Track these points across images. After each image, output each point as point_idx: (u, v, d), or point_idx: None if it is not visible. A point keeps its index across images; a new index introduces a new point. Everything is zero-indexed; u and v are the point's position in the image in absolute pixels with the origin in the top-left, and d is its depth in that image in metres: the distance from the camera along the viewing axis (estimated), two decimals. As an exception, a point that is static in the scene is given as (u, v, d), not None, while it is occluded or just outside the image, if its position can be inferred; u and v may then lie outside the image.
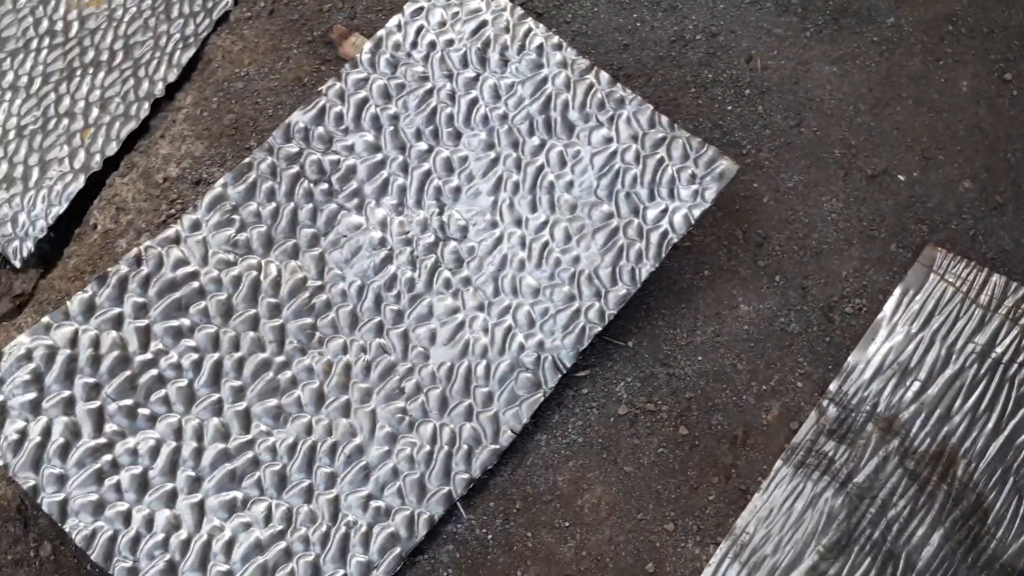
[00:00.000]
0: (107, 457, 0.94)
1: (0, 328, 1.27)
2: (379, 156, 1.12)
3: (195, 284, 1.03)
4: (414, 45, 1.14)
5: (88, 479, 0.93)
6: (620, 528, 0.99)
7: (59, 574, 0.95)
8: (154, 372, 0.99)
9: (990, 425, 1.01)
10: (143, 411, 0.97)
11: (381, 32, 1.14)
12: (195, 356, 1.00)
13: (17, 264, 1.17)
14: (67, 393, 0.96)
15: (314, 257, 1.07)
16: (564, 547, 0.98)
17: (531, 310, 1.06)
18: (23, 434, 0.93)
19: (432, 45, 1.14)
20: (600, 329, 1.04)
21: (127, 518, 0.93)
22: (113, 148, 1.20)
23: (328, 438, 1.00)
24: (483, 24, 1.15)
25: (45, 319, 0.97)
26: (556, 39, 1.14)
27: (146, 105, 1.22)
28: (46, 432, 0.94)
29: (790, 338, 1.08)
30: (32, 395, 0.95)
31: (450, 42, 1.14)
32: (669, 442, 1.03)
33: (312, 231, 1.08)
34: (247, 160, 1.09)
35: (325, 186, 1.10)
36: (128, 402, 0.97)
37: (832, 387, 1.05)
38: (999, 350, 1.05)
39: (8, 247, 1.19)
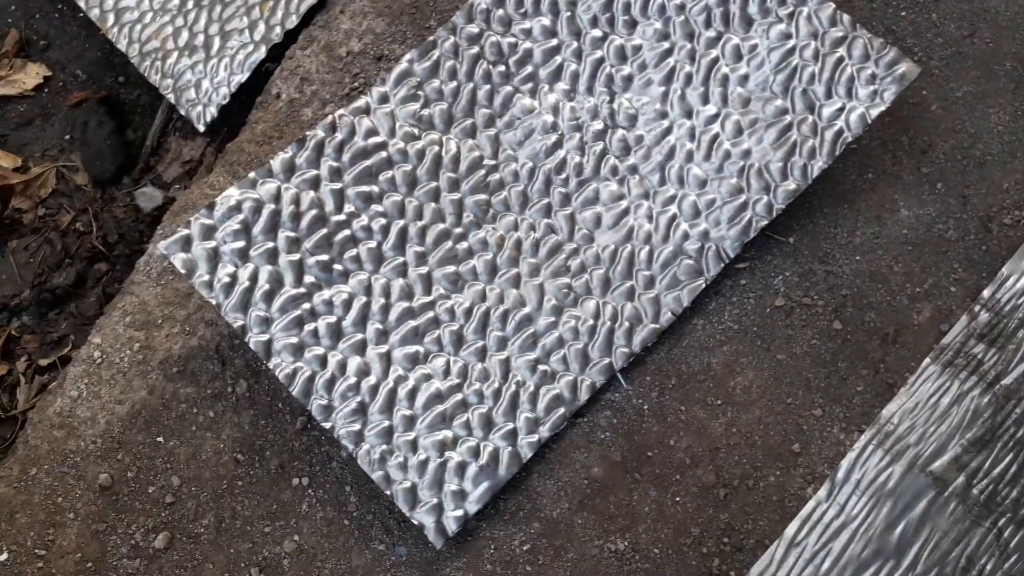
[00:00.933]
0: (306, 305, 1.02)
1: (180, 190, 1.35)
2: (554, 41, 1.15)
3: (383, 154, 1.09)
4: (595, -68, 1.16)
5: (289, 324, 1.01)
6: (770, 410, 1.05)
7: (253, 409, 1.05)
8: (347, 232, 1.06)
9: None
10: (337, 267, 1.04)
11: (563, -83, 1.16)
12: (383, 221, 1.07)
13: (201, 128, 1.24)
14: (271, 244, 1.03)
15: (490, 137, 1.12)
16: (715, 423, 1.05)
17: (697, 200, 1.10)
18: (233, 278, 1.01)
19: (613, -67, 1.16)
20: (767, 222, 1.08)
21: (323, 361, 1.01)
22: (293, 21, 1.25)
23: (500, 306, 1.06)
24: (665, -86, 1.16)
25: (252, 175, 1.04)
26: (738, -67, 1.14)
27: (325, -19, 1.26)
28: (253, 278, 1.02)
29: (947, 244, 1.10)
30: (241, 243, 1.02)
31: (631, -69, 1.16)
32: (822, 335, 1.08)
33: (489, 112, 1.13)
34: (432, 38, 1.13)
35: (502, 68, 1.14)
36: (324, 257, 1.04)
37: (985, 293, 1.08)
38: None
39: (192, 111, 1.26)
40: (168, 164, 1.40)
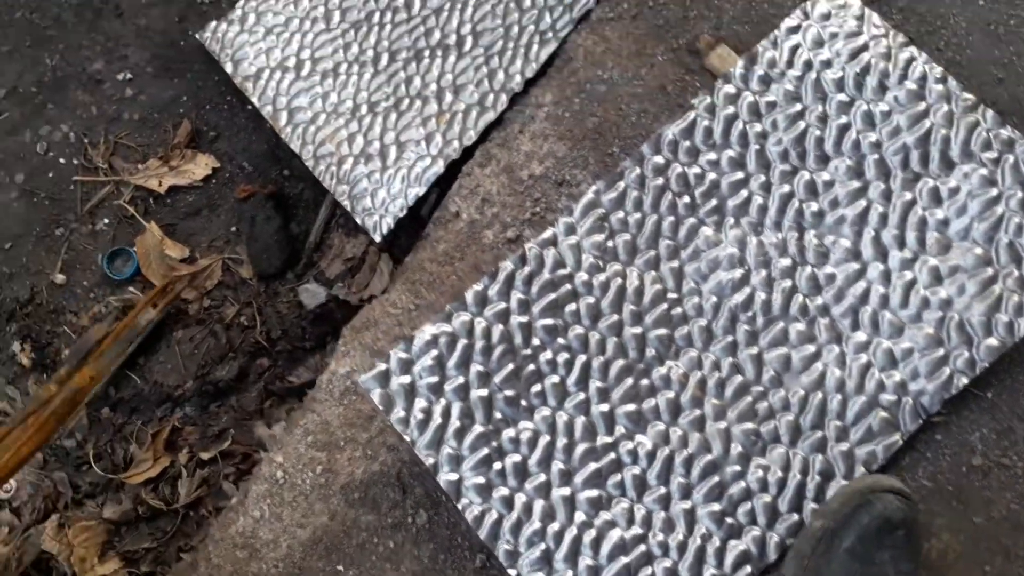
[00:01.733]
0: (494, 443, 1.02)
1: (343, 288, 1.37)
2: (742, 173, 1.13)
3: (569, 286, 1.08)
4: (789, 64, 1.14)
5: (478, 462, 1.01)
6: (966, 577, 1.00)
7: (433, 543, 1.04)
8: (533, 367, 1.05)
9: None
10: (523, 403, 1.04)
11: (757, 48, 1.14)
12: (567, 355, 1.06)
13: (377, 238, 1.25)
14: (462, 380, 1.03)
15: (673, 269, 1.10)
16: (909, 587, 1.00)
17: (892, 348, 1.06)
18: (427, 414, 1.01)
19: (807, 65, 1.13)
20: (968, 380, 1.03)
21: (509, 503, 1.00)
22: (471, 137, 1.25)
23: (684, 449, 1.04)
24: (862, 48, 1.13)
25: (448, 307, 1.05)
26: (939, 70, 1.11)
27: (504, 98, 1.26)
28: (445, 414, 1.02)
29: None
30: (435, 378, 1.03)
31: (826, 63, 1.13)
32: (1022, 499, 1.02)
33: (672, 243, 1.11)
34: (618, 170, 1.13)
35: (687, 199, 1.12)
36: (511, 392, 1.04)
37: None
38: None
39: (367, 220, 1.27)
40: (331, 261, 1.42)
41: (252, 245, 1.42)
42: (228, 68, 1.42)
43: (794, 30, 1.14)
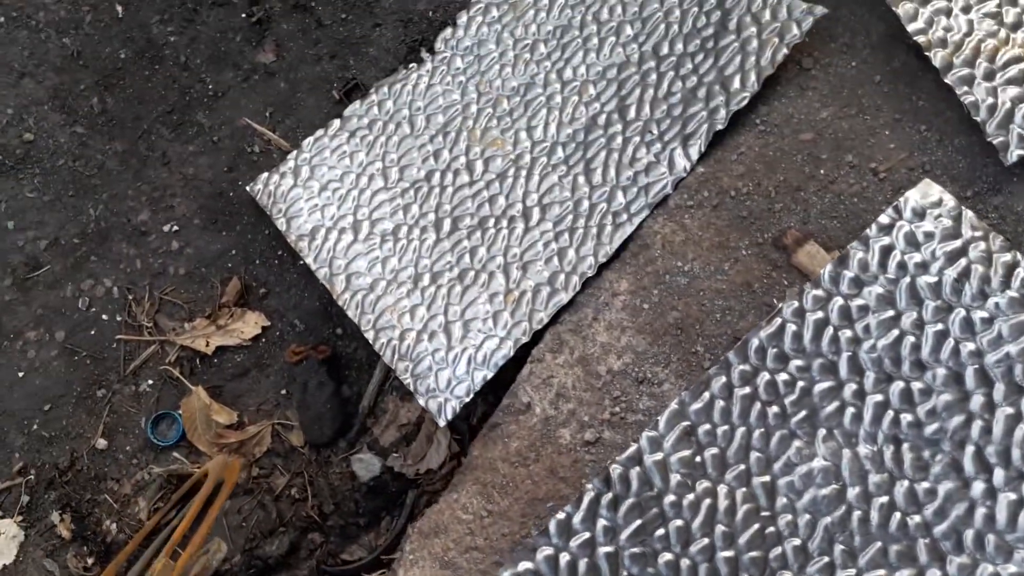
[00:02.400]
0: None
1: (398, 459, 1.31)
2: (834, 381, 1.07)
3: (656, 509, 1.03)
4: (882, 266, 1.09)
5: None
6: None
7: None
8: (622, 602, 0.99)
9: None
10: (613, 643, 0.98)
11: (848, 249, 1.10)
12: (657, 586, 1.00)
13: (441, 423, 1.20)
14: (549, 621, 0.97)
15: (765, 484, 1.05)
16: None
17: (1000, 573, 1.00)
18: (512, 661, 0.96)
19: (901, 267, 1.09)
20: (1084, 618, 0.98)
21: None
22: (542, 320, 1.20)
23: None
24: (960, 251, 1.08)
25: (531, 541, 0.99)
26: (1043, 278, 1.07)
27: (575, 280, 1.21)
28: (532, 660, 0.96)
29: None
30: (521, 621, 0.97)
31: (922, 266, 1.08)
32: None
33: (763, 456, 1.06)
34: (703, 378, 1.07)
35: (777, 409, 1.07)
36: (600, 633, 0.98)
37: None
38: None
39: (431, 403, 1.21)
40: (385, 427, 1.36)
41: (304, 412, 1.36)
42: (281, 225, 1.38)
43: (886, 229, 1.10)
